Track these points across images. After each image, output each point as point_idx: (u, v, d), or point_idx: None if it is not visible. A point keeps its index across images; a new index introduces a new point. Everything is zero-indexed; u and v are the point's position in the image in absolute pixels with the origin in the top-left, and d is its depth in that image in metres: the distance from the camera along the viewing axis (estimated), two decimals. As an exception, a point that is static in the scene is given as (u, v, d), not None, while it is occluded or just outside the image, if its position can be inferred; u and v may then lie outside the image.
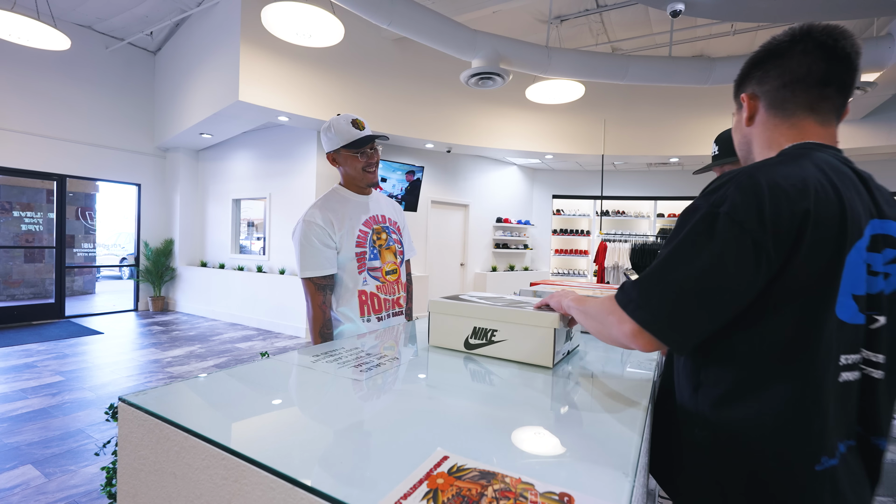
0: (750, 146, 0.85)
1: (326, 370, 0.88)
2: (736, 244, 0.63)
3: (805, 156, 0.71)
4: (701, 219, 0.66)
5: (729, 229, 0.63)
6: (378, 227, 1.68)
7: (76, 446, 2.75)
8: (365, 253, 1.62)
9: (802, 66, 0.74)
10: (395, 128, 6.27)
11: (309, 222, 1.54)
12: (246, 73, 4.95)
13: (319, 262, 1.55)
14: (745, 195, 0.64)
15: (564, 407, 0.75)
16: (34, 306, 6.65)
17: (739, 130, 0.87)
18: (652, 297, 0.67)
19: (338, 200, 1.63)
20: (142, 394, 0.69)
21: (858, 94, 4.55)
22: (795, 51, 0.75)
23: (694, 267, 0.64)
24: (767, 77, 0.79)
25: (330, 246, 1.56)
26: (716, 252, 0.63)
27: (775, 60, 0.78)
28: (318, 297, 1.55)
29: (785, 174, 0.65)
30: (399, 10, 3.90)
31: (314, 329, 1.55)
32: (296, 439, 0.58)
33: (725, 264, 0.63)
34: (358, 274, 1.61)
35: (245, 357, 4.93)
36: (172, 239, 7.79)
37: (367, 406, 0.72)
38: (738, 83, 0.86)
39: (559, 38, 5.88)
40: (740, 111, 0.86)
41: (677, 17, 4.06)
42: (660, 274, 0.67)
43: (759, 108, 0.81)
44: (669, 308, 0.66)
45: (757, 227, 0.62)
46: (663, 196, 9.05)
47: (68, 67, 6.57)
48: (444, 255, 7.94)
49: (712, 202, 0.66)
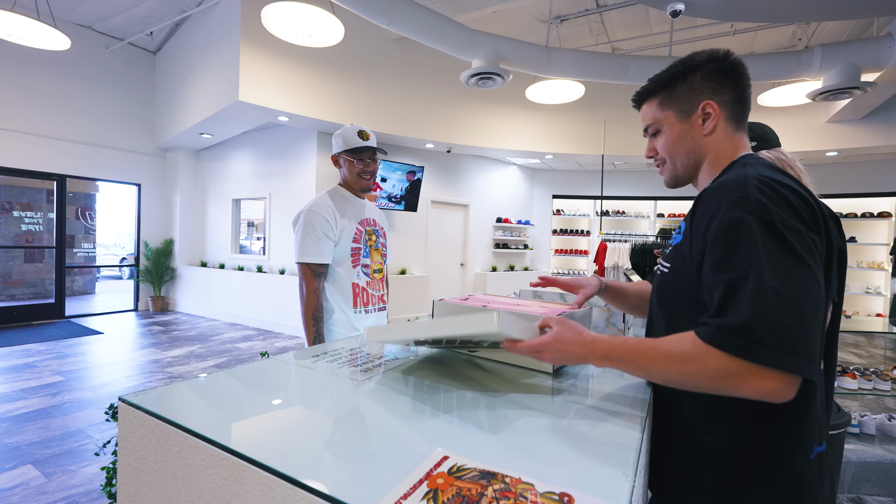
0: (700, 156, 0.83)
1: (326, 370, 0.88)
2: (807, 250, 0.61)
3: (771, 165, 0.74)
4: (757, 234, 0.62)
5: (791, 236, 0.61)
6: (370, 228, 1.84)
7: (76, 446, 2.75)
8: (360, 249, 1.77)
9: (740, 85, 0.80)
10: (395, 128, 6.27)
11: (314, 212, 1.68)
12: (246, 73, 4.95)
13: (320, 250, 1.67)
14: (777, 201, 0.64)
15: (565, 407, 0.75)
16: (34, 306, 6.65)
17: (690, 139, 0.83)
18: (781, 333, 0.56)
19: (339, 197, 1.79)
20: (142, 394, 0.69)
21: (858, 94, 4.54)
22: (738, 71, 0.79)
23: (798, 284, 0.59)
24: (723, 88, 0.80)
25: (330, 237, 1.70)
26: (803, 264, 0.60)
27: (723, 75, 0.80)
28: (314, 282, 1.68)
29: (783, 180, 0.67)
30: (399, 10, 3.90)
31: (307, 311, 1.66)
32: (296, 439, 0.58)
33: (816, 273, 0.61)
34: (353, 267, 1.75)
35: (245, 357, 4.93)
36: (172, 239, 7.79)
37: (367, 406, 0.72)
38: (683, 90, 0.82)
39: (559, 38, 5.88)
40: (688, 120, 0.82)
41: (677, 17, 4.06)
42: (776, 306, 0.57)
43: (721, 118, 0.81)
44: (804, 339, 0.57)
45: (805, 227, 0.63)
46: (663, 196, 9.06)
47: (68, 67, 6.57)
48: (444, 255, 7.94)
49: (754, 212, 0.63)
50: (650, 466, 0.80)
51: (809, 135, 6.58)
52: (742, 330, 0.58)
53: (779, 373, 0.57)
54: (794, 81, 4.74)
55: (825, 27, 5.36)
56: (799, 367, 0.56)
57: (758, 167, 0.72)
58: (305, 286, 1.66)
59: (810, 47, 4.54)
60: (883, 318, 7.31)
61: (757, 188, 0.65)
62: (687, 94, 0.82)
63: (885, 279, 7.54)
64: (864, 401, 3.79)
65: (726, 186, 0.69)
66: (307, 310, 1.66)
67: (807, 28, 5.41)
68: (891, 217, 7.44)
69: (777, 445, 0.69)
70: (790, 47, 6.04)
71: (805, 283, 0.59)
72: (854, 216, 7.65)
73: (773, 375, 0.57)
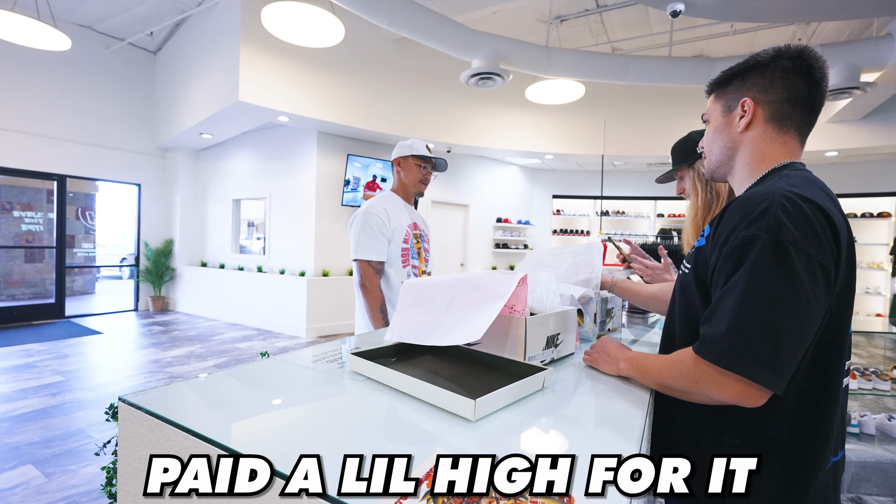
0: (735, 153, 0.83)
1: (326, 370, 0.88)
2: (809, 273, 0.63)
3: (807, 179, 0.73)
4: (765, 251, 0.63)
5: (799, 259, 0.62)
6: (416, 233, 1.94)
7: (76, 446, 2.75)
8: (409, 250, 1.87)
9: (804, 88, 0.76)
10: (395, 128, 6.27)
11: (370, 212, 1.78)
12: (246, 73, 4.95)
13: (378, 248, 1.77)
14: (798, 222, 0.64)
15: (565, 407, 0.75)
16: (34, 306, 6.65)
17: (727, 134, 0.84)
18: (753, 346, 0.61)
19: (393, 201, 1.91)
20: (142, 394, 0.69)
21: (858, 94, 4.54)
22: (800, 70, 0.76)
23: (783, 304, 0.61)
24: (773, 88, 0.78)
25: (385, 235, 1.79)
26: (797, 284, 0.62)
27: (780, 73, 0.77)
28: (376, 278, 1.76)
29: (814, 199, 0.67)
30: (399, 10, 3.90)
31: (375, 306, 1.72)
32: (296, 439, 0.58)
33: (808, 295, 0.62)
34: (402, 267, 1.83)
35: (245, 357, 4.93)
36: (172, 239, 7.79)
37: (368, 406, 0.72)
38: (735, 86, 0.82)
39: (559, 38, 5.88)
40: (730, 114, 0.83)
41: (677, 17, 4.06)
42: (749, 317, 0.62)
43: (759, 117, 0.80)
44: (774, 355, 0.61)
45: (818, 252, 0.64)
46: (663, 196, 9.05)
47: (68, 67, 6.57)
48: (444, 255, 7.94)
49: (769, 230, 0.64)
50: None
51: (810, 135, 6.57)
52: (718, 339, 0.63)
53: (745, 381, 0.62)
54: (794, 81, 4.74)
55: (825, 27, 5.36)
56: (763, 379, 0.60)
57: (795, 179, 0.72)
58: (369, 282, 1.74)
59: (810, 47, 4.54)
60: (883, 318, 7.32)
61: (781, 206, 0.65)
62: (736, 90, 0.82)
63: (885, 279, 7.54)
64: (863, 401, 3.79)
65: (753, 200, 0.69)
66: (374, 305, 1.72)
67: (807, 28, 5.41)
68: (891, 217, 7.44)
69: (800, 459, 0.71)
70: (790, 47, 6.03)
71: (793, 304, 0.61)
72: (854, 216, 7.65)
73: (739, 383, 0.62)
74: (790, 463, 0.71)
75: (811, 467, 0.71)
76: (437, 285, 0.98)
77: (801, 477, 0.71)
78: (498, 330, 0.94)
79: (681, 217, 8.89)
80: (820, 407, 0.70)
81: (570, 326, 1.06)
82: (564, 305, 1.11)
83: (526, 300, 0.92)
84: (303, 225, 6.32)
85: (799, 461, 0.71)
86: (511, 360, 0.86)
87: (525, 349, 0.90)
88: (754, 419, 0.71)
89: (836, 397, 0.72)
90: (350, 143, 6.53)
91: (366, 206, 1.82)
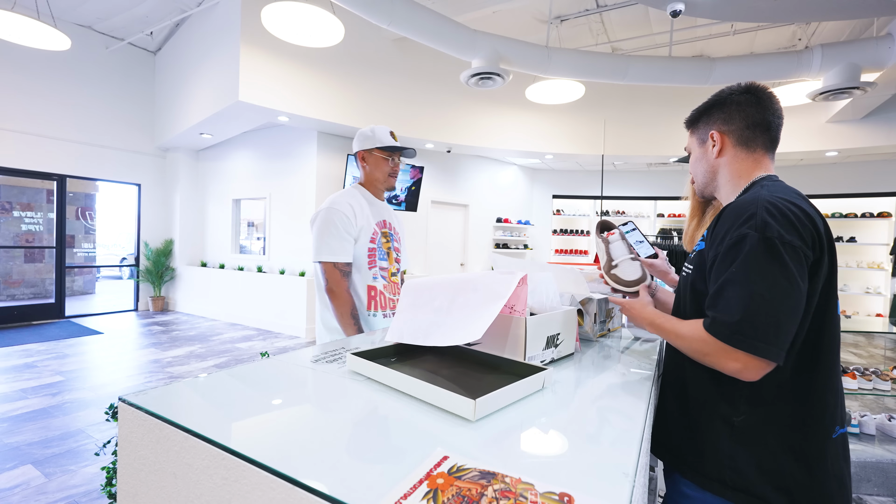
0: (715, 174, 1.00)
1: (326, 370, 0.88)
2: (796, 262, 0.76)
3: (786, 187, 0.88)
4: (757, 246, 0.77)
5: (786, 251, 0.76)
6: (385, 231, 1.77)
7: (76, 446, 2.75)
8: (375, 250, 1.71)
9: (757, 115, 0.94)
10: (395, 128, 6.26)
11: (334, 209, 1.61)
12: (246, 73, 4.95)
13: (343, 248, 1.61)
14: (781, 220, 0.78)
15: (565, 407, 0.75)
16: (34, 306, 6.65)
17: (706, 161, 1.01)
18: (758, 328, 0.74)
19: (359, 196, 1.73)
20: (142, 394, 0.69)
21: (858, 94, 4.54)
22: (751, 101, 0.94)
23: (779, 290, 0.75)
24: (732, 119, 0.96)
25: (351, 234, 1.63)
26: (788, 273, 0.75)
27: (736, 106, 0.96)
28: (344, 282, 1.60)
29: (791, 202, 0.81)
30: (399, 10, 3.90)
31: (345, 311, 1.58)
32: (296, 439, 0.58)
33: (797, 281, 0.76)
34: (368, 269, 1.68)
35: (245, 357, 4.93)
36: (172, 239, 7.79)
37: (368, 406, 0.72)
38: (703, 122, 1.01)
39: (559, 38, 5.88)
40: (704, 145, 1.01)
41: (677, 17, 4.06)
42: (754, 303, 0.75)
43: (728, 144, 0.97)
44: (776, 333, 0.74)
45: (802, 243, 0.77)
46: (663, 196, 9.05)
47: (68, 67, 6.57)
48: (444, 255, 7.94)
49: (757, 229, 0.78)
50: (678, 450, 0.93)
51: (809, 135, 6.58)
52: (730, 323, 0.76)
53: (750, 356, 0.75)
54: (794, 81, 4.74)
55: (825, 27, 5.36)
56: (768, 353, 0.74)
57: (774, 187, 0.87)
58: (337, 286, 1.58)
59: (810, 47, 4.54)
60: (883, 318, 7.31)
61: (765, 209, 0.79)
62: (704, 125, 1.01)
63: (885, 279, 7.54)
64: (864, 401, 3.79)
65: (742, 206, 0.83)
66: (345, 310, 1.58)
67: (807, 28, 5.41)
68: (891, 217, 7.43)
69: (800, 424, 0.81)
70: (790, 47, 6.04)
71: (786, 289, 0.75)
72: (854, 216, 7.65)
73: (746, 356, 0.75)
74: (794, 429, 0.81)
75: (814, 433, 0.81)
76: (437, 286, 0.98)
77: (810, 445, 0.81)
78: (498, 330, 0.94)
79: (680, 217, 8.89)
80: (814, 373, 0.82)
81: (570, 326, 1.06)
82: (564, 305, 1.11)
83: (526, 300, 0.92)
84: (303, 225, 6.32)
85: (801, 427, 0.81)
86: (511, 360, 0.86)
87: (525, 349, 0.90)
88: (756, 392, 0.82)
89: (830, 368, 0.83)
90: (350, 143, 6.53)
91: (329, 201, 1.64)
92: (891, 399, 3.79)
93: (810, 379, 0.82)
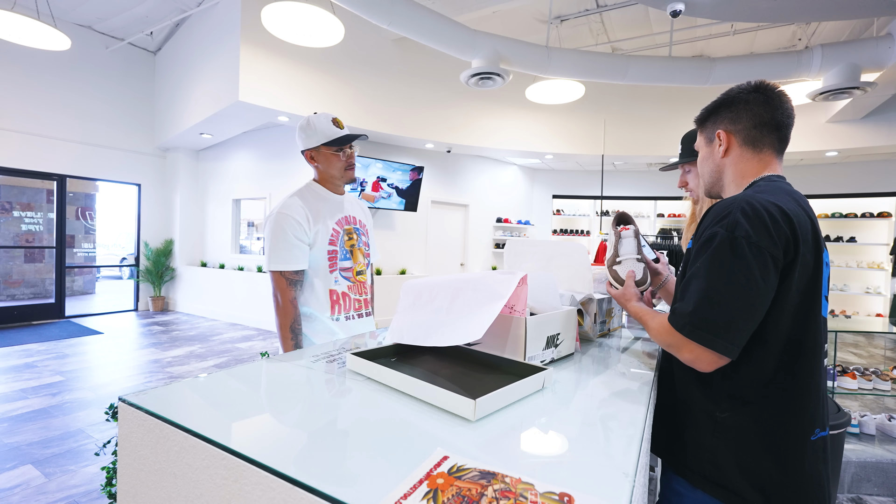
0: (721, 174, 1.00)
1: (326, 370, 0.88)
2: (760, 262, 0.78)
3: (778, 187, 0.88)
4: (723, 244, 0.80)
5: (750, 250, 0.78)
6: (349, 227, 1.66)
7: (76, 446, 2.75)
8: (336, 252, 1.60)
9: (766, 114, 0.93)
10: (395, 128, 6.27)
11: (285, 214, 1.50)
12: (246, 73, 4.95)
13: (294, 256, 1.50)
14: (752, 221, 0.79)
15: (565, 407, 0.75)
16: (34, 306, 6.65)
17: (712, 160, 1.01)
18: (709, 320, 0.78)
19: (314, 196, 1.61)
20: (142, 394, 0.69)
21: (858, 94, 4.54)
22: (759, 101, 0.93)
23: (735, 287, 0.77)
24: (740, 119, 0.95)
25: (304, 241, 1.52)
26: (748, 271, 0.77)
27: (744, 106, 0.94)
28: (290, 291, 1.50)
29: (773, 202, 0.82)
30: (399, 10, 3.90)
31: (284, 323, 1.49)
32: (296, 439, 0.58)
33: (757, 280, 0.77)
34: (329, 273, 1.57)
35: (245, 357, 4.93)
36: (172, 239, 7.79)
37: (367, 406, 0.72)
38: (711, 121, 1.00)
39: (559, 38, 5.88)
40: (711, 144, 1.01)
41: (677, 17, 4.06)
42: (708, 297, 0.79)
43: (734, 143, 0.96)
44: (726, 327, 0.77)
45: (770, 244, 0.78)
46: (663, 196, 9.05)
47: (68, 67, 6.57)
48: (444, 255, 7.94)
49: (727, 228, 0.80)
50: (667, 445, 0.97)
51: (809, 135, 6.58)
52: (686, 315, 0.81)
53: (701, 347, 0.79)
54: (794, 81, 4.74)
55: (825, 27, 5.36)
56: (715, 344, 0.78)
57: (765, 187, 0.88)
58: (281, 297, 1.49)
59: (810, 47, 4.54)
60: (883, 318, 7.31)
61: (741, 209, 0.81)
62: (713, 124, 1.00)
63: (885, 279, 7.54)
64: (864, 401, 3.79)
65: (722, 205, 0.85)
66: (284, 322, 1.49)
67: (807, 28, 5.41)
68: (891, 217, 7.43)
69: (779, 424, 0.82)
70: (790, 47, 6.04)
71: (743, 286, 0.77)
72: (854, 216, 7.65)
73: (697, 348, 0.80)
74: (773, 429, 0.82)
75: (793, 434, 0.82)
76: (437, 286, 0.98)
77: (788, 446, 0.82)
78: (498, 330, 0.94)
79: (680, 217, 8.89)
80: (794, 375, 0.82)
81: (570, 326, 1.06)
82: (564, 305, 1.11)
83: (526, 300, 0.92)
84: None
85: (780, 427, 0.82)
86: (511, 360, 0.86)
87: (525, 349, 0.90)
88: (738, 388, 0.84)
89: (812, 371, 0.83)
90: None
91: (280, 205, 1.53)
92: (891, 399, 3.79)
93: (791, 380, 0.82)
